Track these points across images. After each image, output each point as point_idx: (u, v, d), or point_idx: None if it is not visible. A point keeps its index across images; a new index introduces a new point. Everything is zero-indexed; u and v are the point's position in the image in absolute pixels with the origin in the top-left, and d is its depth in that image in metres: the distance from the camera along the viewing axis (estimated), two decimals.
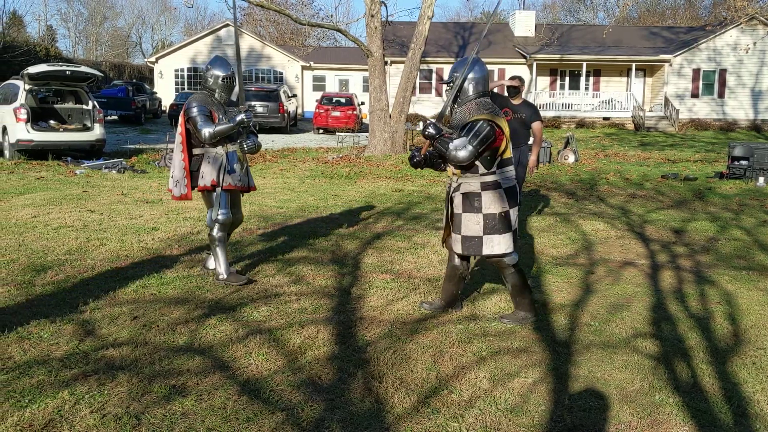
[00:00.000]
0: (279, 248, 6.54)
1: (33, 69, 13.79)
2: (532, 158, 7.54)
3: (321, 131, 27.09)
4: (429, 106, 32.11)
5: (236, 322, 4.45)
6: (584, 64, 31.20)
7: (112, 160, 13.39)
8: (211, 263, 5.59)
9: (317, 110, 26.98)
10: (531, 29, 35.37)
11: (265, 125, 26.06)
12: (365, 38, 18.37)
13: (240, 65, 5.52)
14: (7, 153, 14.06)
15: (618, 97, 31.77)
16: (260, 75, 36.30)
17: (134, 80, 37.00)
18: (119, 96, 27.42)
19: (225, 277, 5.30)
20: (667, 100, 31.40)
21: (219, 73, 5.36)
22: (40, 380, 3.47)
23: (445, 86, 4.65)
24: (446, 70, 32.68)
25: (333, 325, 4.41)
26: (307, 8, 28.54)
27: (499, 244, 4.37)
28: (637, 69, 32.17)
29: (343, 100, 27.52)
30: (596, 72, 32.78)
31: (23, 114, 13.55)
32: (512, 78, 7.52)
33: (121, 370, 3.63)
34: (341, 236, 7.15)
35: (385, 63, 18.66)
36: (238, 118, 5.16)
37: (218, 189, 5.30)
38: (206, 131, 5.14)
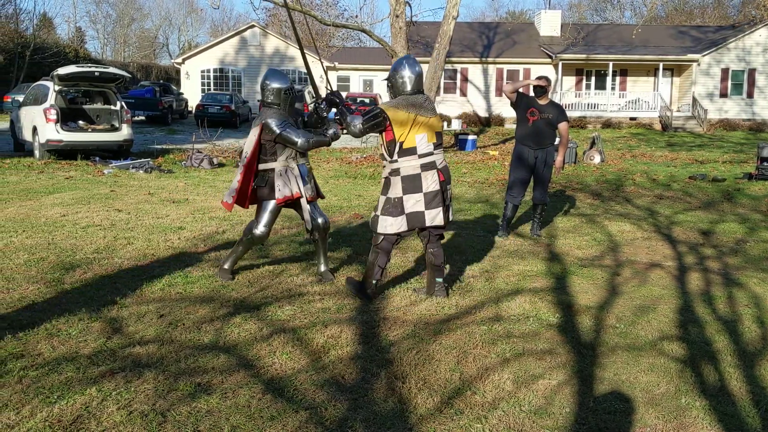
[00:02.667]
0: (303, 248, 6.57)
1: (63, 70, 14.00)
2: (559, 159, 7.48)
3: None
4: (453, 105, 32.02)
5: (261, 321, 4.48)
6: (611, 63, 30.92)
7: (139, 160, 13.55)
8: (321, 268, 5.57)
9: None
10: (557, 29, 35.11)
11: None
12: (389, 38, 18.38)
13: (306, 63, 5.71)
14: (37, 153, 14.28)
15: (645, 97, 31.44)
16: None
17: (161, 81, 37.37)
18: (146, 96, 27.76)
19: (225, 268, 5.42)
20: (695, 100, 31.00)
21: (278, 86, 5.35)
22: (69, 377, 3.52)
23: (307, 88, 5.03)
24: (471, 69, 32.61)
25: (356, 325, 4.42)
26: (331, 9, 28.63)
27: (391, 225, 4.86)
28: (664, 69, 31.82)
29: (367, 101, 27.59)
30: (623, 72, 32.46)
31: (53, 114, 13.76)
32: (539, 78, 7.47)
33: (147, 367, 3.67)
34: (365, 237, 7.16)
35: None
36: (330, 132, 5.25)
37: (271, 203, 5.29)
38: (301, 140, 5.16)
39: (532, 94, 7.48)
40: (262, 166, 5.31)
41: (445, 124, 21.71)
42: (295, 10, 17.40)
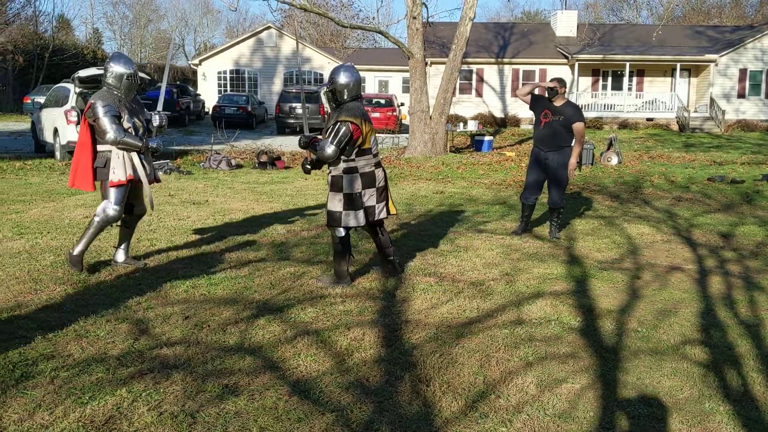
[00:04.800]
0: (323, 250, 6.62)
1: (83, 72, 14.06)
2: (572, 159, 7.38)
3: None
4: (469, 106, 32.00)
5: (284, 323, 4.53)
6: (627, 64, 30.77)
7: (158, 161, 13.66)
8: (120, 256, 5.80)
9: None
10: (573, 29, 34.97)
11: None
12: (405, 39, 18.41)
13: (167, 75, 6.10)
14: (58, 154, 14.45)
15: (662, 98, 31.26)
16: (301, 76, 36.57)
17: (178, 82, 37.61)
18: (164, 98, 27.88)
19: (76, 255, 5.49)
20: (712, 100, 30.77)
21: (122, 70, 5.49)
22: (99, 378, 3.59)
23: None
24: (486, 70, 32.58)
25: (379, 328, 4.47)
26: (346, 9, 28.74)
27: (353, 220, 5.29)
28: (681, 69, 31.62)
29: (382, 101, 27.63)
30: (639, 72, 32.29)
31: (74, 116, 13.92)
32: (552, 80, 7.46)
33: (175, 369, 3.73)
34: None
35: (426, 64, 18.65)
36: (153, 144, 5.50)
37: (117, 187, 5.48)
38: (112, 135, 5.33)
39: (546, 95, 7.49)
40: (100, 148, 5.50)
41: (461, 125, 21.66)
42: (313, 12, 17.49)
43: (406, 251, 6.64)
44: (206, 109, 32.98)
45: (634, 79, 32.28)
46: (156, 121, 5.82)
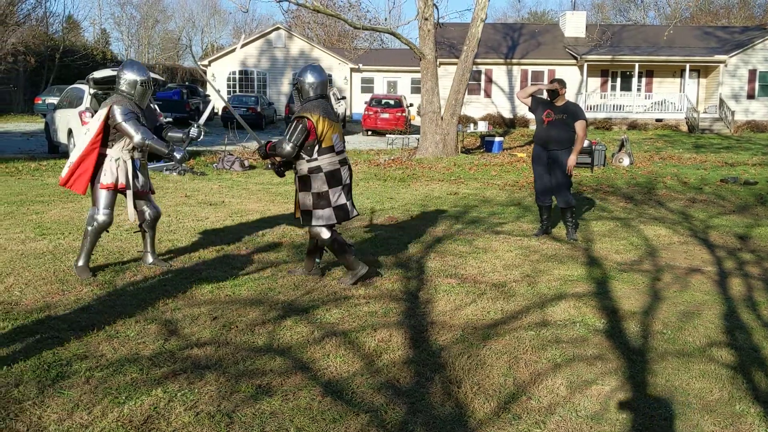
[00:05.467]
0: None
1: (98, 73, 14.21)
2: (571, 157, 7.35)
3: (369, 133, 27.28)
4: (478, 107, 32.01)
5: (311, 324, 4.56)
6: (636, 65, 30.75)
7: (172, 162, 13.72)
8: (148, 258, 5.88)
9: (366, 112, 27.19)
10: (582, 30, 34.94)
11: None
12: (416, 40, 18.45)
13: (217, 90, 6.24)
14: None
15: (671, 99, 31.22)
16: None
17: (187, 83, 37.76)
18: (174, 99, 28.04)
19: (81, 266, 5.52)
20: (722, 101, 30.72)
21: (136, 77, 5.56)
22: (134, 378, 3.63)
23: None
24: (495, 71, 32.58)
25: (405, 329, 4.50)
26: (355, 10, 28.74)
27: (322, 217, 5.38)
28: (691, 70, 31.56)
29: (392, 102, 27.66)
30: (649, 73, 32.26)
31: (88, 117, 13.96)
32: (552, 81, 7.50)
33: (207, 369, 3.77)
34: (402, 240, 7.24)
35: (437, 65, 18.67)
36: (178, 155, 5.49)
37: (107, 191, 5.51)
38: (139, 137, 5.37)
39: (547, 97, 7.54)
40: (103, 151, 5.53)
41: (471, 126, 21.69)
42: (326, 14, 17.54)
43: (424, 252, 6.68)
44: (216, 110, 33.07)
45: (643, 79, 32.25)
46: (194, 133, 5.79)
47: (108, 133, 5.48)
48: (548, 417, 3.31)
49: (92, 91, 14.48)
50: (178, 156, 5.51)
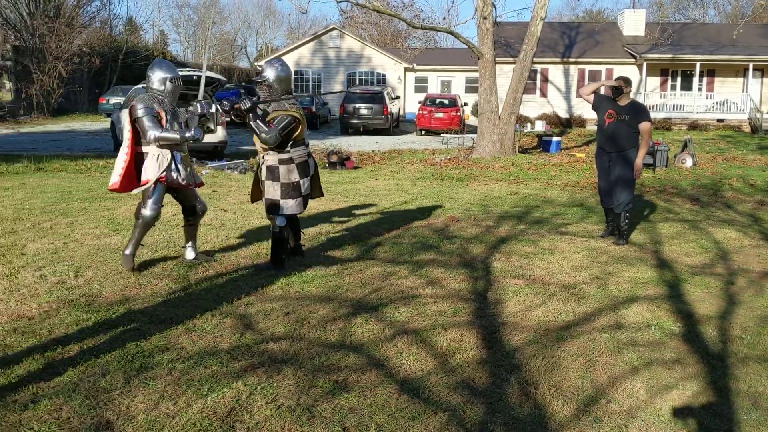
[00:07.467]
0: (407, 249, 6.67)
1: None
2: (638, 160, 7.12)
3: (423, 132, 27.25)
4: (533, 107, 31.65)
5: (381, 321, 4.59)
6: (697, 64, 29.91)
7: (233, 161, 13.98)
8: (189, 254, 5.98)
9: (420, 111, 27.16)
10: (641, 28, 34.18)
11: (369, 127, 26.52)
12: (473, 39, 18.36)
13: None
14: None
15: (733, 98, 30.28)
16: (362, 77, 36.83)
17: (244, 83, 38.34)
18: (232, 99, 28.44)
19: (127, 254, 5.62)
20: None
21: (164, 74, 5.62)
22: (214, 371, 3.71)
23: (258, 81, 5.72)
24: (551, 70, 32.15)
25: (476, 329, 4.48)
26: (409, 9, 28.75)
27: (291, 207, 5.68)
28: (754, 69, 30.54)
29: (446, 102, 27.56)
30: (710, 72, 31.34)
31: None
32: (617, 79, 7.28)
33: (284, 363, 3.83)
34: (466, 239, 7.22)
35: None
36: (187, 134, 5.51)
37: (152, 185, 5.56)
38: (151, 133, 5.41)
39: (610, 95, 7.30)
40: (140, 149, 5.58)
41: (528, 125, 21.47)
42: (386, 14, 17.60)
43: (489, 252, 6.64)
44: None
45: (704, 79, 31.35)
46: (199, 109, 5.71)
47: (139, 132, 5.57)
48: (630, 421, 3.26)
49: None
50: (187, 135, 5.50)
